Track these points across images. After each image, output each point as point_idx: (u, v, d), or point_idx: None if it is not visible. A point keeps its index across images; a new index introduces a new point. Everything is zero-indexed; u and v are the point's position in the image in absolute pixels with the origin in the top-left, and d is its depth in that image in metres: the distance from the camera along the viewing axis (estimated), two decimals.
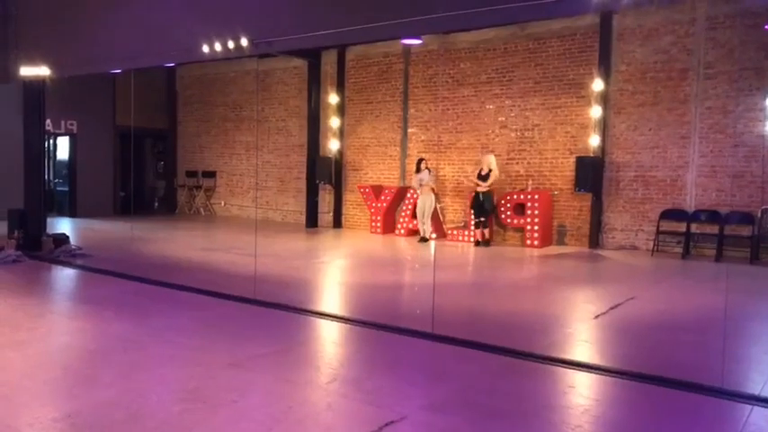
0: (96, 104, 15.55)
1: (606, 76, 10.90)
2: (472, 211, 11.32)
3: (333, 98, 14.00)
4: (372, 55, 13.60)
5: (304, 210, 14.60)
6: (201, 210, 16.80)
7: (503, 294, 7.17)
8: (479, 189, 11.08)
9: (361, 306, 6.50)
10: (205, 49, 6.86)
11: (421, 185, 11.75)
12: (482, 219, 11.14)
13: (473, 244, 11.39)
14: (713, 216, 10.06)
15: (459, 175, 12.51)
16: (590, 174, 10.83)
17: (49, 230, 10.11)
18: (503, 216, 11.55)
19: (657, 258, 10.03)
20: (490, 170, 11.21)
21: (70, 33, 8.70)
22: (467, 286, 7.72)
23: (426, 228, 11.84)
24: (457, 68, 12.46)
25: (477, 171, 11.37)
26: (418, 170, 11.88)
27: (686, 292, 7.48)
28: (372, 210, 13.12)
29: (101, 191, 15.70)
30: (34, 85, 9.54)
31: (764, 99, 9.61)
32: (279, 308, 6.15)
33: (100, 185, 15.67)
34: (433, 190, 11.84)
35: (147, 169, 18.07)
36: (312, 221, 14.19)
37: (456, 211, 12.58)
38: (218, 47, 6.79)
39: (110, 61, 8.27)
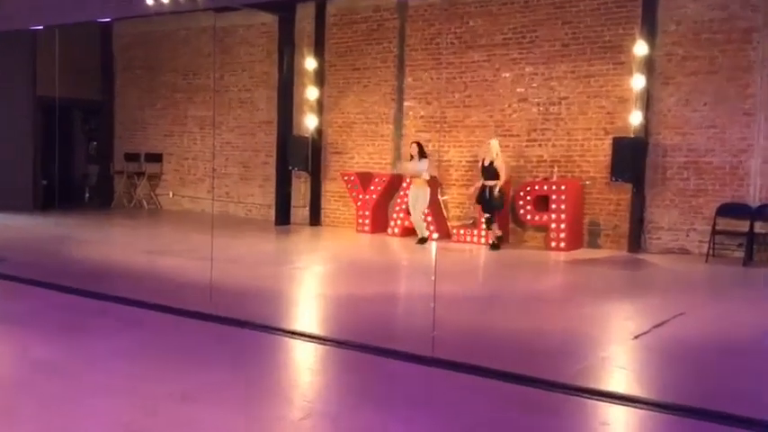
0: (11, 70, 15.40)
1: (651, 38, 10.94)
2: (480, 207, 11.32)
3: (310, 63, 14.01)
4: (360, 9, 13.61)
5: (273, 203, 14.60)
6: (144, 202, 16.83)
7: (521, 310, 7.23)
8: (488, 183, 11.06)
9: (344, 323, 6.55)
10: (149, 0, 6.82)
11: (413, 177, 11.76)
12: (488, 216, 11.11)
13: (488, 247, 11.41)
14: None
15: (468, 161, 12.57)
16: (630, 159, 10.87)
17: None
18: (521, 212, 11.56)
19: (713, 265, 10.11)
20: (492, 161, 11.12)
21: None
22: (476, 299, 7.78)
23: (420, 226, 11.83)
24: (465, 27, 12.51)
25: (480, 163, 11.31)
26: (412, 158, 11.83)
27: (748, 307, 7.54)
28: (359, 203, 13.17)
29: (17, 178, 15.47)
30: None
31: None
32: (241, 325, 6.21)
33: (16, 172, 15.44)
34: (430, 182, 11.72)
35: (77, 151, 18.15)
36: (283, 217, 14.18)
37: (463, 205, 12.62)
38: None
39: (29, 16, 8.19)
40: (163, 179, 16.72)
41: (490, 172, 11.15)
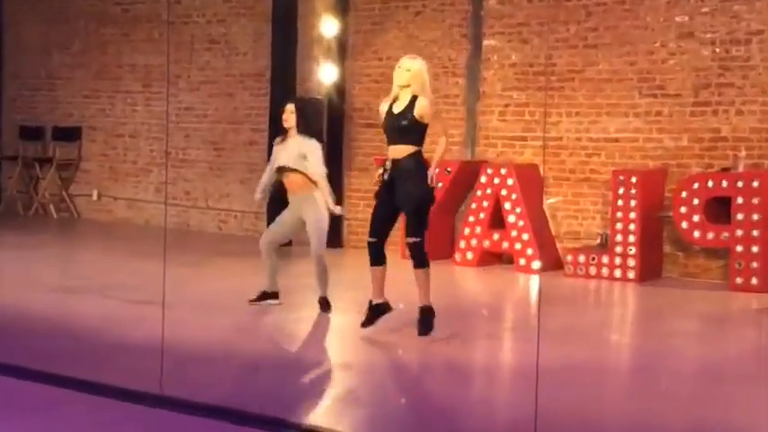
0: None
1: None
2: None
3: None
4: None
5: (264, 209, 13.99)
6: (52, 208, 16.78)
7: (693, 391, 7.45)
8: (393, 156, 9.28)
9: (383, 412, 6.87)
10: None
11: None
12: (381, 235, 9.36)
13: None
14: None
15: (591, 138, 12.54)
16: None
17: None
18: (683, 225, 11.56)
19: None
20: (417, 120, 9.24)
21: None
22: (614, 373, 8.12)
23: None
24: None
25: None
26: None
27: None
28: None
29: None
30: None
31: None
32: (214, 416, 6.38)
33: None
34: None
35: None
36: None
37: (582, 215, 12.66)
38: None
39: None
40: (82, 170, 16.74)
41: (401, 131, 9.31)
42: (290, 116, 10.01)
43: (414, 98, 8.59)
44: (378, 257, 8.74)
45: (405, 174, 8.56)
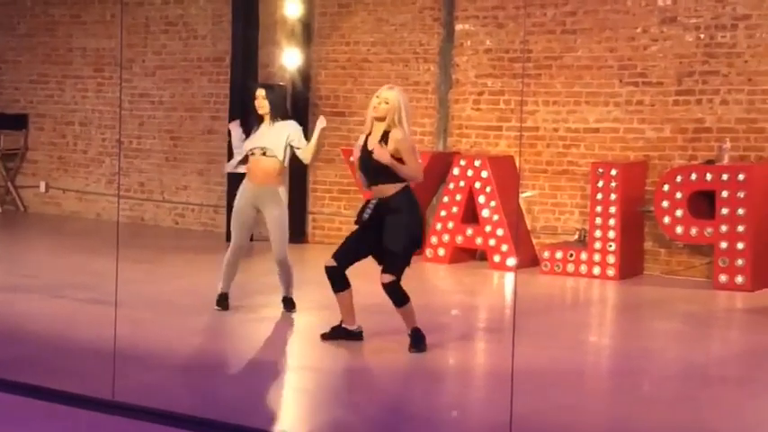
0: None
1: None
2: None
3: None
4: None
5: (224, 202, 14.25)
6: None
7: (675, 394, 7.55)
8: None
9: (348, 418, 6.97)
10: None
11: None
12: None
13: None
14: None
15: (570, 128, 12.56)
16: None
17: None
18: (665, 220, 11.58)
19: None
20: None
21: None
22: (593, 375, 8.33)
23: None
24: None
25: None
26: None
27: None
28: None
29: None
30: None
31: None
32: (167, 422, 6.38)
33: None
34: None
35: None
36: None
37: (560, 209, 12.68)
38: None
39: None
40: (29, 160, 16.70)
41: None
42: (263, 102, 9.94)
43: (386, 133, 8.37)
44: (340, 283, 8.56)
45: (395, 212, 8.36)
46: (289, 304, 9.91)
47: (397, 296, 8.40)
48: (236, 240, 9.95)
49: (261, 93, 10.04)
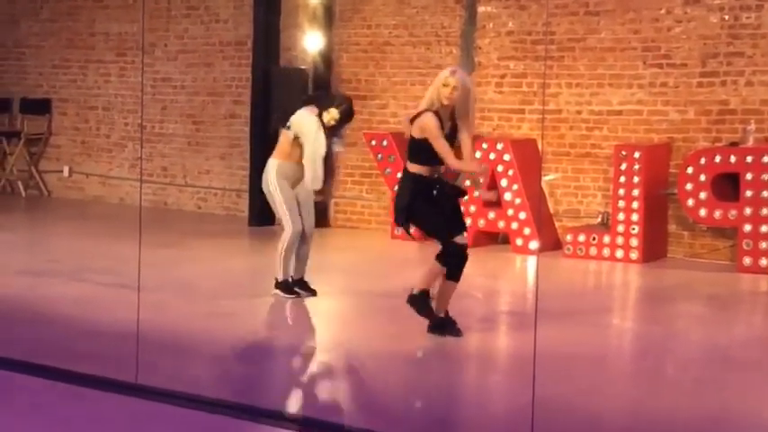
0: None
1: None
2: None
3: None
4: None
5: (247, 187, 14.40)
6: (20, 185, 16.80)
7: (699, 377, 7.57)
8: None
9: (371, 399, 7.02)
10: None
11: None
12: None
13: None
14: None
15: (593, 111, 12.50)
16: None
17: None
18: (689, 202, 11.56)
19: None
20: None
21: None
22: (616, 358, 8.32)
23: None
24: None
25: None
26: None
27: None
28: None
29: None
30: None
31: None
32: (190, 405, 6.43)
33: None
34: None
35: None
36: (264, 213, 13.66)
37: (582, 192, 12.65)
38: None
39: None
40: (52, 145, 16.70)
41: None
42: None
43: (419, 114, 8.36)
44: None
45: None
46: (307, 287, 9.77)
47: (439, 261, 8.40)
48: (299, 224, 9.68)
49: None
